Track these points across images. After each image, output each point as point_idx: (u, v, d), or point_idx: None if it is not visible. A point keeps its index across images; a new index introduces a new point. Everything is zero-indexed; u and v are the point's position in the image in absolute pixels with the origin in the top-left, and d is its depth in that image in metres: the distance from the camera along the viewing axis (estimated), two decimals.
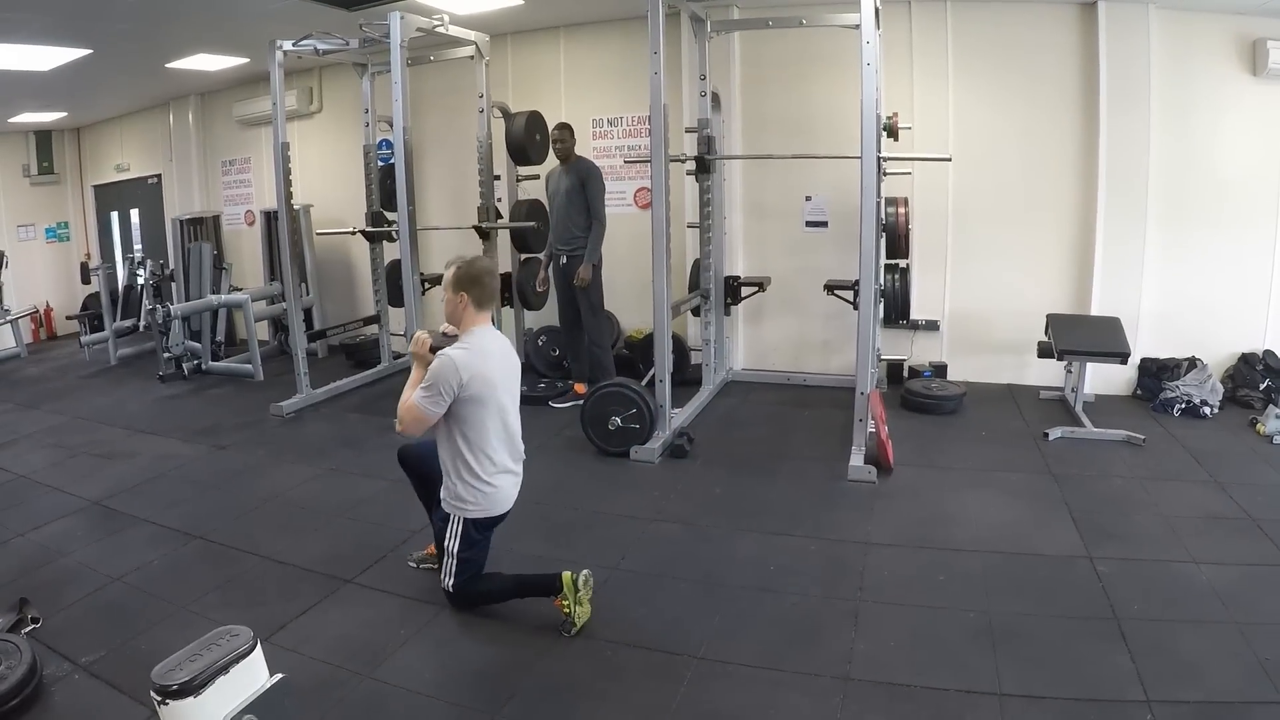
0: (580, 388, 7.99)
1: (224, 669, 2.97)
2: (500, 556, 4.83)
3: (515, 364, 4.38)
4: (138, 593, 4.57)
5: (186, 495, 6.06)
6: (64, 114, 12.65)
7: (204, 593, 4.53)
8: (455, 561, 4.17)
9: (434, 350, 4.08)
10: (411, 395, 4.03)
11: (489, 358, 4.10)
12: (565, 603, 3.98)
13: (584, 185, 7.61)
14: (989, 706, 3.41)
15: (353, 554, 4.95)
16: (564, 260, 7.82)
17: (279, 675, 3.19)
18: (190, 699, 2.86)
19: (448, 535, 4.17)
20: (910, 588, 4.45)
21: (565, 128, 7.81)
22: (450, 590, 4.22)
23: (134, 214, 13.76)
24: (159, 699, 2.87)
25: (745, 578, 4.58)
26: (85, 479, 6.44)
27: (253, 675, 3.09)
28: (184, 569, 4.86)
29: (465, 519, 4.14)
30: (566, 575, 4.00)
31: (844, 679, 3.61)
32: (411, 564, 4.76)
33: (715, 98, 7.80)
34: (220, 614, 4.18)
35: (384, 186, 9.10)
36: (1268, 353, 7.76)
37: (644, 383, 7.07)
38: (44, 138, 13.74)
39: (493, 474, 4.14)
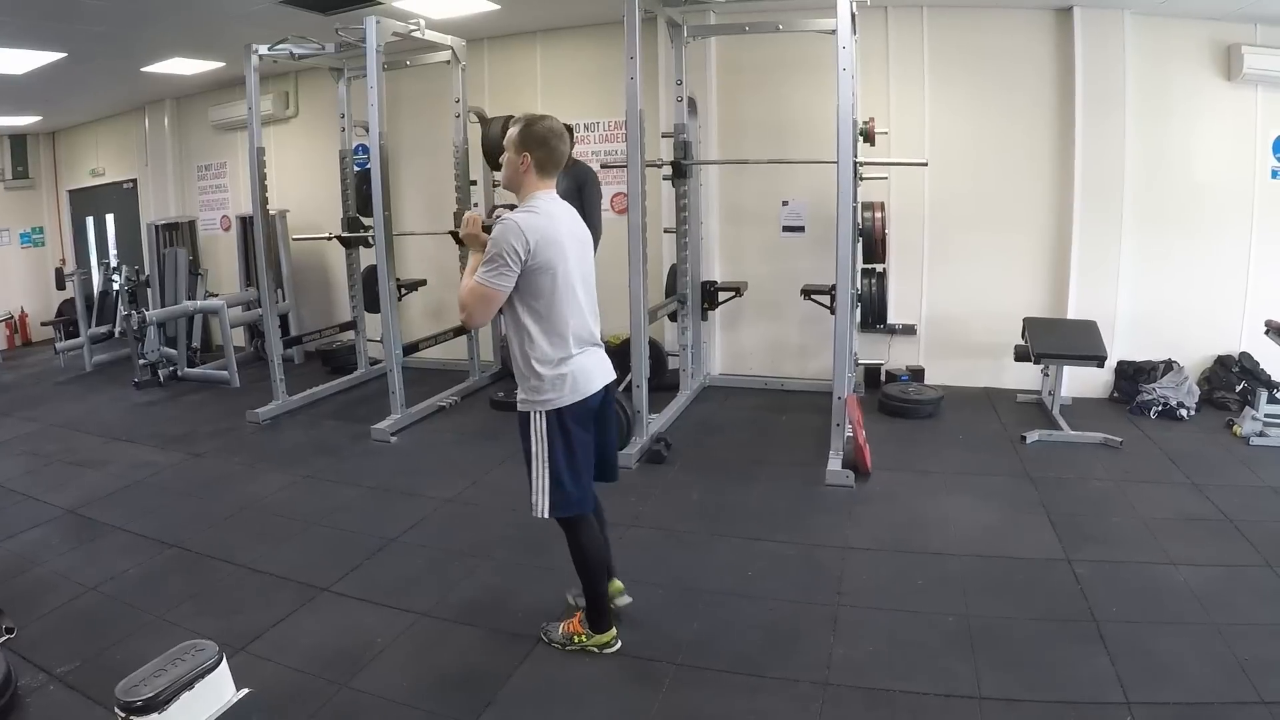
0: None
1: (189, 684, 2.93)
2: (478, 565, 4.83)
3: (586, 235, 3.87)
4: (113, 602, 4.53)
5: (162, 503, 6.02)
6: (39, 118, 12.57)
7: (179, 602, 4.49)
8: (548, 474, 3.67)
9: (487, 230, 3.61)
10: (471, 277, 3.56)
11: (557, 220, 3.62)
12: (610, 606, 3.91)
13: (580, 190, 7.37)
14: (968, 710, 3.41)
15: (329, 562, 4.91)
16: None
17: (245, 690, 3.16)
18: (154, 715, 2.82)
19: (533, 441, 3.67)
20: (889, 592, 4.45)
21: (564, 129, 7.58)
22: (559, 519, 3.80)
23: (109, 219, 13.64)
24: (123, 715, 2.83)
25: (723, 583, 4.58)
26: (59, 487, 6.39)
27: (219, 690, 3.06)
28: (159, 578, 4.82)
29: (548, 412, 3.63)
30: (615, 584, 3.99)
31: (823, 684, 3.61)
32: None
33: (692, 103, 7.80)
34: (195, 623, 4.17)
35: (360, 191, 9.07)
36: (1243, 355, 7.79)
37: (621, 388, 7.05)
38: (18, 142, 13.63)
39: (573, 353, 3.64)
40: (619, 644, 3.90)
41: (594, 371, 3.72)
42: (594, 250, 4.19)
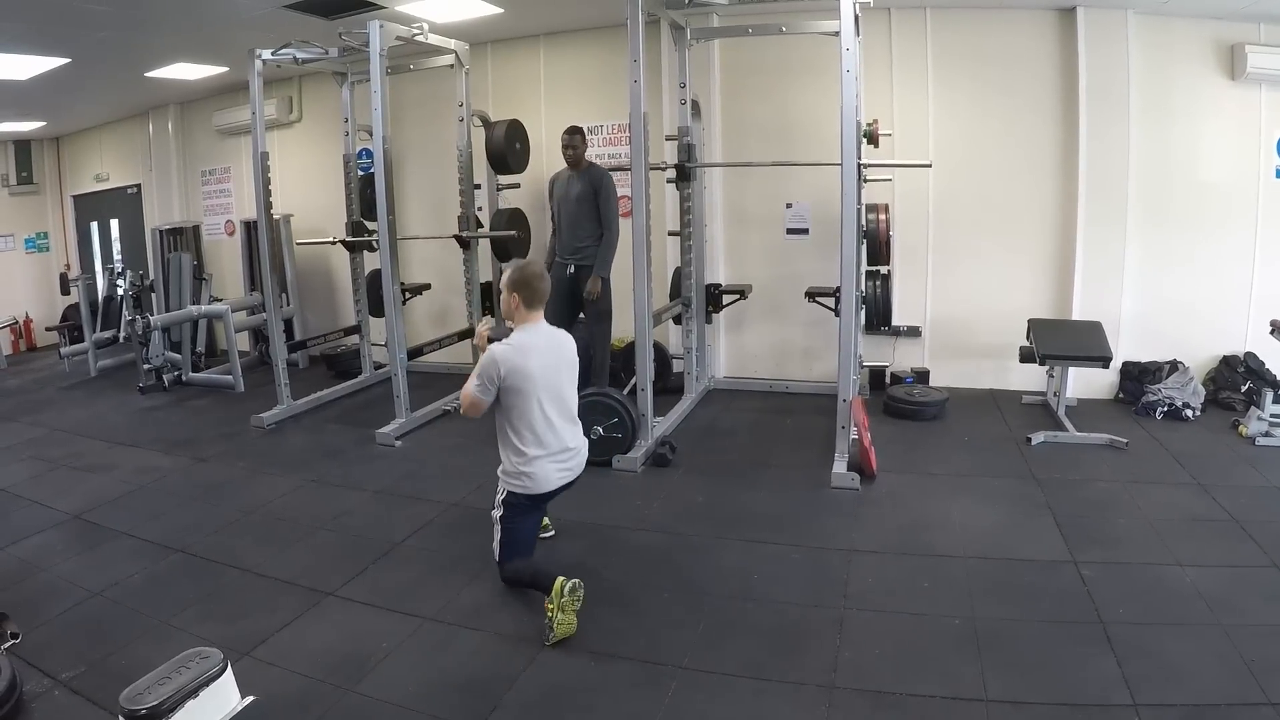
0: None
1: (193, 692, 2.92)
2: (483, 569, 4.83)
3: (564, 356, 4.72)
4: (118, 607, 4.52)
5: (167, 508, 6.02)
6: (43, 123, 12.61)
7: (184, 607, 4.48)
8: (500, 530, 4.56)
9: (491, 341, 4.58)
10: (469, 383, 4.48)
11: (529, 353, 4.47)
12: (550, 606, 4.00)
13: (596, 193, 7.31)
14: (975, 713, 3.40)
15: (334, 566, 4.92)
16: (571, 269, 7.48)
17: (250, 697, 3.16)
18: None
19: (495, 504, 4.60)
20: (894, 594, 4.44)
21: (577, 132, 7.48)
22: (497, 560, 4.59)
23: (114, 224, 13.67)
24: None
25: (729, 586, 4.57)
26: (64, 492, 6.39)
27: (223, 698, 3.05)
28: (164, 583, 4.81)
29: (509, 491, 4.53)
30: (558, 580, 4.02)
31: (829, 687, 3.60)
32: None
33: (695, 105, 7.80)
34: (200, 628, 4.16)
35: (364, 196, 9.07)
36: (1249, 355, 7.79)
37: (626, 392, 7.06)
38: (23, 147, 13.66)
39: (532, 458, 4.47)
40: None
41: (551, 476, 4.55)
42: (613, 249, 7.05)
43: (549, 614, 3.99)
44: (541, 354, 4.53)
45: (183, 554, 5.17)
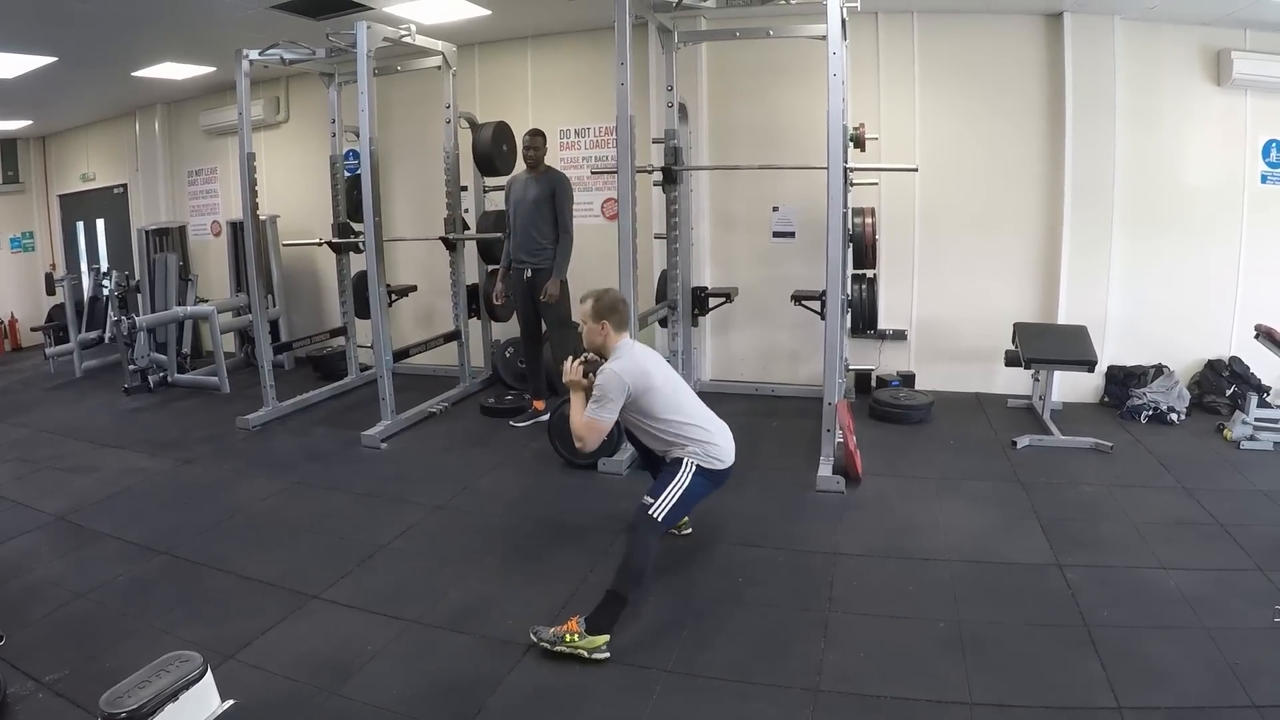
0: (539, 404, 7.89)
1: (173, 696, 2.91)
2: (468, 571, 4.83)
3: (669, 366, 4.88)
4: (102, 609, 4.50)
5: (151, 510, 5.99)
6: (29, 122, 12.56)
7: (169, 609, 4.47)
8: (673, 499, 4.38)
9: (587, 375, 4.56)
10: (582, 414, 4.49)
11: (645, 359, 4.63)
12: (573, 636, 3.87)
13: (553, 195, 7.38)
14: (960, 716, 3.41)
15: (319, 568, 4.90)
16: (528, 273, 7.53)
17: (230, 701, 3.14)
18: None
19: (679, 473, 4.47)
20: (880, 598, 4.45)
21: (538, 134, 7.54)
22: (653, 519, 4.32)
23: (99, 224, 13.63)
24: None
25: (714, 589, 4.58)
26: (49, 494, 6.36)
27: (204, 702, 3.04)
28: (149, 585, 4.79)
29: (698, 465, 4.50)
30: (607, 638, 3.91)
31: (814, 690, 3.60)
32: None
33: (682, 108, 7.79)
34: (185, 630, 4.15)
35: (351, 197, 9.05)
36: (1234, 359, 7.83)
37: None
38: (9, 146, 13.61)
39: (712, 431, 4.62)
40: (608, 654, 3.87)
41: (725, 447, 4.64)
42: (569, 252, 7.19)
43: (568, 637, 3.87)
44: (655, 362, 4.72)
45: (167, 556, 5.15)
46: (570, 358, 4.66)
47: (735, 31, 7.69)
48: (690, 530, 5.23)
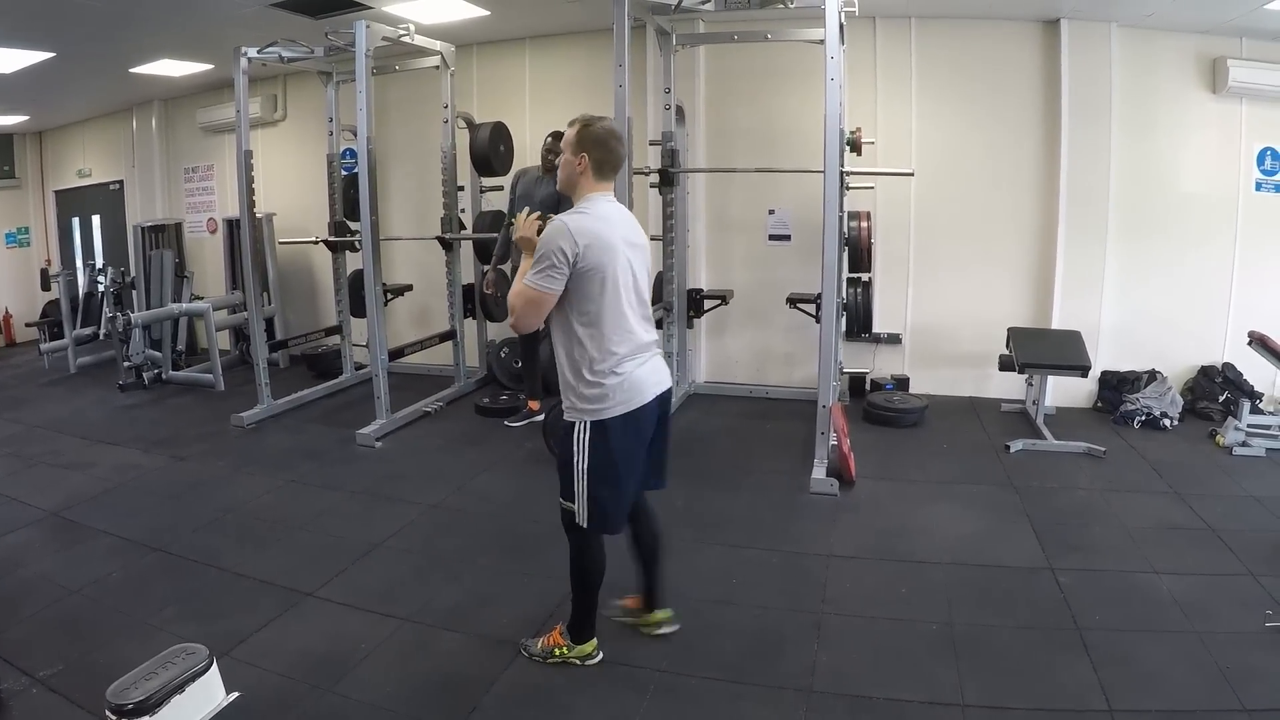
0: (534, 404, 7.87)
1: (179, 688, 2.93)
2: (462, 570, 4.83)
3: (644, 241, 3.75)
4: (96, 606, 4.50)
5: (146, 506, 5.99)
6: (26, 117, 12.51)
7: (163, 606, 4.47)
8: (586, 486, 3.53)
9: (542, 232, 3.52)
10: (519, 280, 3.48)
11: (611, 223, 3.51)
12: (562, 648, 3.85)
13: (560, 202, 7.30)
14: (952, 717, 3.42)
15: (313, 567, 4.90)
16: None
17: (235, 693, 3.16)
18: (145, 718, 2.82)
19: (574, 452, 3.52)
20: (873, 599, 4.46)
21: (561, 138, 7.44)
22: (579, 529, 3.65)
23: (95, 220, 13.57)
24: (114, 718, 2.82)
25: (708, 590, 4.58)
26: (43, 490, 6.35)
27: (209, 694, 3.06)
28: (143, 581, 4.79)
29: (592, 422, 3.48)
30: (594, 643, 3.88)
31: (807, 691, 3.61)
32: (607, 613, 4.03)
33: (680, 111, 7.80)
34: (179, 627, 4.15)
35: (347, 196, 9.06)
36: (1227, 365, 7.86)
37: None
38: (5, 141, 13.57)
39: (622, 362, 3.48)
40: (600, 655, 3.87)
41: (645, 381, 3.56)
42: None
43: (557, 651, 3.85)
44: (622, 226, 3.60)
45: (162, 553, 5.15)
46: (527, 211, 3.71)
47: (734, 35, 7.70)
48: (668, 630, 4.13)
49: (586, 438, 3.48)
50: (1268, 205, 7.87)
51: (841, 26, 5.98)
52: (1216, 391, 7.75)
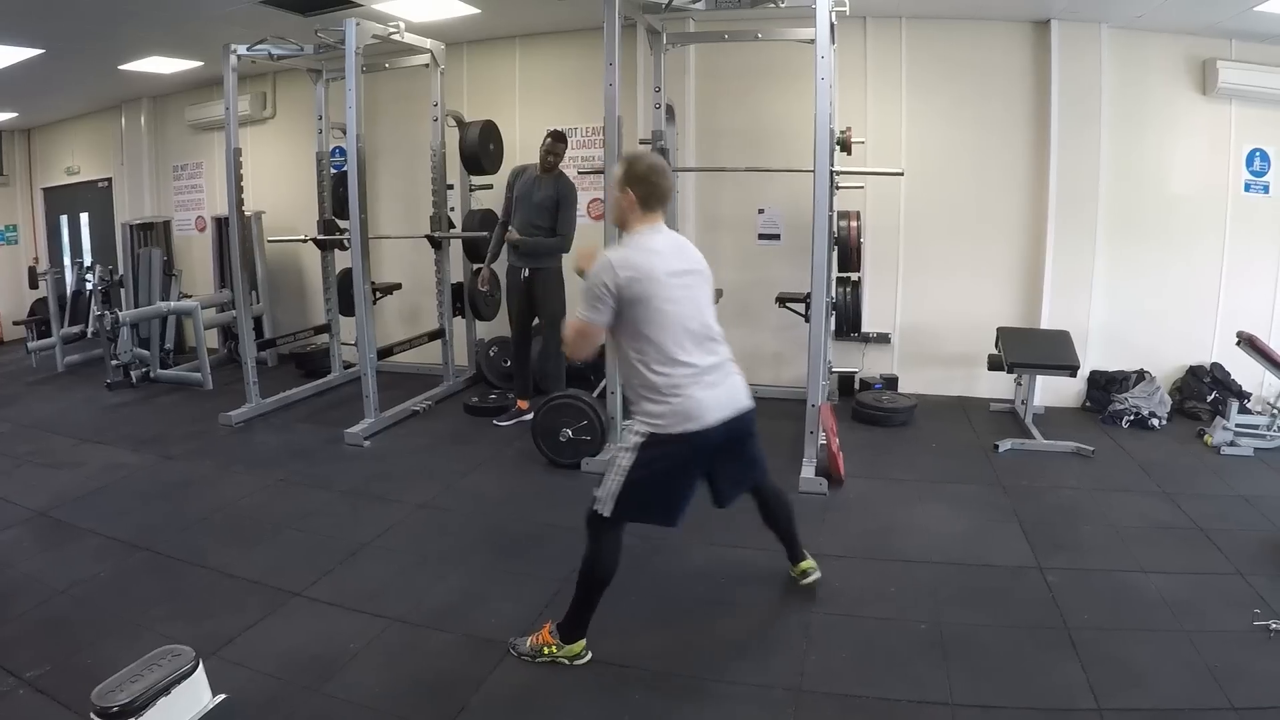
0: (523, 403, 7.86)
1: (165, 690, 2.91)
2: (451, 570, 4.82)
3: (698, 262, 3.85)
4: (83, 606, 4.48)
5: (133, 506, 5.96)
6: (14, 114, 12.45)
7: (151, 606, 4.45)
8: (620, 481, 3.63)
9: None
10: (573, 313, 3.65)
11: (655, 254, 3.60)
12: (551, 648, 3.85)
13: (559, 203, 7.33)
14: (941, 716, 3.43)
15: (301, 566, 4.88)
16: (526, 273, 7.52)
17: (222, 695, 3.15)
18: None
19: (621, 452, 3.67)
20: (862, 599, 4.46)
21: (562, 140, 7.46)
22: (597, 515, 3.71)
23: (84, 218, 13.54)
24: None
25: (696, 590, 4.58)
26: (30, 489, 6.31)
27: (195, 696, 3.04)
28: (130, 581, 4.77)
29: (647, 432, 3.60)
30: (583, 643, 3.88)
31: (796, 690, 3.62)
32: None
33: (670, 110, 7.79)
34: (167, 627, 4.12)
35: (336, 194, 9.01)
36: (1215, 365, 7.89)
37: (595, 394, 7.05)
38: None
39: (678, 386, 3.57)
40: (589, 655, 3.86)
41: (705, 404, 3.62)
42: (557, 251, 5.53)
43: (546, 650, 3.85)
44: (670, 257, 3.67)
45: (149, 552, 5.13)
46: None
47: (724, 34, 7.66)
48: (814, 577, 4.50)
49: (638, 442, 3.61)
50: (1256, 206, 7.91)
51: (832, 26, 5.98)
52: (1205, 391, 7.78)
